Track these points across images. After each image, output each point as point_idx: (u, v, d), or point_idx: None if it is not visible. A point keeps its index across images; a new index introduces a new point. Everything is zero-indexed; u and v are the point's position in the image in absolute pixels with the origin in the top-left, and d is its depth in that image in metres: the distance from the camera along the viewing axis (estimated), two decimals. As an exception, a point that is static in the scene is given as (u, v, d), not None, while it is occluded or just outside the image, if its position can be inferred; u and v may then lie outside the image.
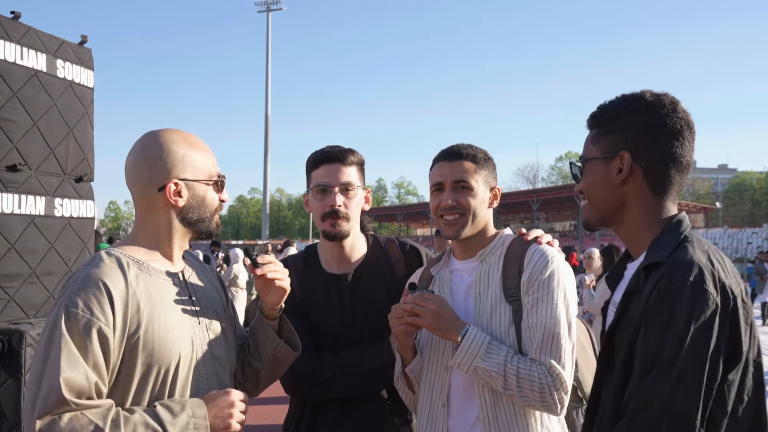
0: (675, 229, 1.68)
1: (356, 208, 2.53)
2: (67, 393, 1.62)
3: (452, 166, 2.25)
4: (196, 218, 1.97)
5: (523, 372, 2.03)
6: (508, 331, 2.14)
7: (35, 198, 3.28)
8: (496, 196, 2.32)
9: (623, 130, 1.73)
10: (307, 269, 2.65)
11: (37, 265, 3.27)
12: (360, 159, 2.56)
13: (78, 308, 1.70)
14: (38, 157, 3.31)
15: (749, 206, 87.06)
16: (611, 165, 1.75)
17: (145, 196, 1.93)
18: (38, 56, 3.34)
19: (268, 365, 2.16)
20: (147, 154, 1.93)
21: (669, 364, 1.45)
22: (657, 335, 1.48)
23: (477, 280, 2.25)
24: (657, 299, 1.50)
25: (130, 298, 1.78)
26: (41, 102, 3.33)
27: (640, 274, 1.63)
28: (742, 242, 54.54)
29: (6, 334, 2.96)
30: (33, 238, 3.26)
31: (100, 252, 1.88)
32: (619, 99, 1.78)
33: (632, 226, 1.77)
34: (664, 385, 1.44)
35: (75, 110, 3.56)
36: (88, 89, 3.69)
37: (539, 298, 2.12)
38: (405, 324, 2.12)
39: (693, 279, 1.48)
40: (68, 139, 3.49)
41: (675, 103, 1.73)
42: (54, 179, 3.41)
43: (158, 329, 1.81)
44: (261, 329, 2.15)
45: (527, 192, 68.50)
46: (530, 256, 2.19)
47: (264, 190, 75.92)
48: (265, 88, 71.94)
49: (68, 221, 3.48)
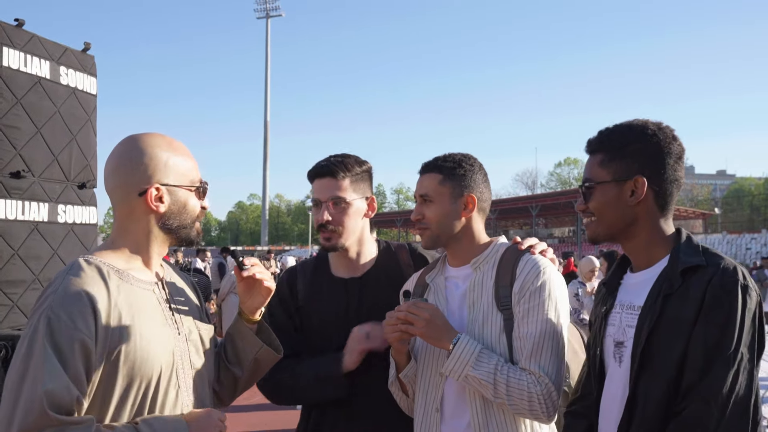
0: (689, 240, 1.91)
1: (351, 220, 2.53)
2: (49, 407, 1.54)
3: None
4: (177, 225, 1.91)
5: (513, 381, 2.06)
6: (499, 339, 2.17)
7: (38, 204, 3.29)
8: (470, 203, 2.32)
9: (635, 156, 1.92)
10: (315, 274, 2.68)
11: (41, 272, 3.28)
12: (357, 170, 2.56)
13: (60, 320, 1.62)
14: (41, 164, 3.33)
15: (748, 212, 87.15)
16: (624, 187, 1.93)
17: (125, 201, 1.85)
18: (42, 63, 3.36)
19: (248, 370, 2.13)
20: (128, 158, 1.85)
21: (732, 354, 1.67)
22: (718, 329, 1.69)
23: (471, 287, 2.27)
24: (714, 298, 1.71)
25: (112, 309, 1.71)
26: (45, 109, 3.35)
27: (674, 277, 1.81)
28: (741, 248, 54.54)
29: (9, 340, 2.98)
30: (36, 245, 3.28)
31: (79, 260, 1.79)
32: (625, 127, 1.97)
33: (642, 241, 1.95)
34: (729, 373, 1.66)
35: (78, 117, 3.57)
36: (91, 96, 3.71)
37: (530, 308, 2.14)
38: (399, 332, 2.14)
39: (741, 280, 1.72)
40: (71, 146, 3.51)
41: (673, 131, 1.96)
42: (57, 186, 3.43)
43: (139, 341, 1.74)
44: (240, 333, 2.11)
45: (526, 198, 68.39)
46: (522, 266, 2.21)
47: (263, 196, 75.98)
48: (264, 94, 72.11)
49: (71, 227, 3.50)
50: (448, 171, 2.31)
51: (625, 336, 1.91)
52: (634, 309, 1.90)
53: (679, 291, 1.78)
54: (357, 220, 2.57)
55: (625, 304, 1.96)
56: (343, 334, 2.52)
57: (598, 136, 2.02)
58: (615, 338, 1.96)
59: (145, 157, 1.85)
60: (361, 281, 2.61)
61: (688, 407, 1.70)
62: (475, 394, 2.15)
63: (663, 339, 1.78)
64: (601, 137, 2.01)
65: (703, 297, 1.73)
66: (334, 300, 2.59)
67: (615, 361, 1.96)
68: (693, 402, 1.69)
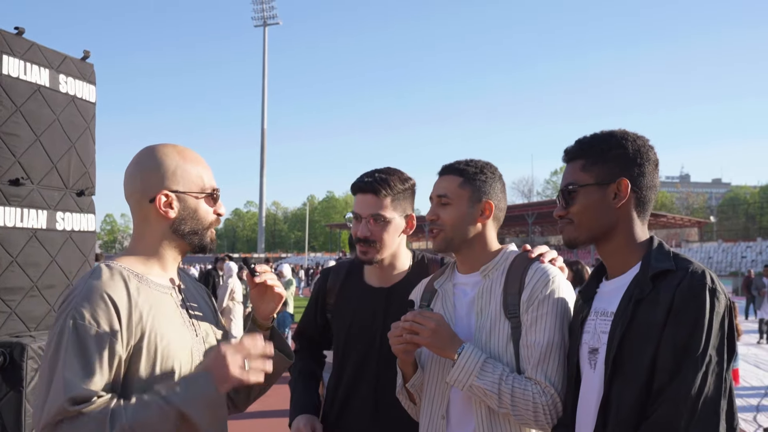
0: (661, 246, 1.95)
1: (389, 237, 2.57)
2: (70, 403, 1.64)
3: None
4: (189, 230, 1.98)
5: (518, 391, 2.06)
6: (506, 347, 2.17)
7: (37, 212, 3.30)
8: (487, 209, 2.34)
9: (617, 161, 1.98)
10: (348, 279, 2.75)
11: (39, 279, 3.29)
12: (399, 187, 2.57)
13: (85, 320, 1.72)
14: (40, 171, 3.34)
15: (743, 220, 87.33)
16: (607, 190, 1.98)
17: (140, 207, 1.96)
18: (41, 71, 3.37)
19: None
20: (141, 166, 1.96)
21: (700, 356, 1.70)
22: (686, 332, 1.73)
23: (479, 295, 2.28)
24: (682, 302, 1.76)
25: (133, 309, 1.80)
26: (44, 116, 3.36)
27: (645, 283, 1.85)
28: (736, 256, 54.68)
29: (7, 347, 2.98)
30: (35, 252, 3.28)
31: (100, 264, 1.90)
32: (606, 134, 2.03)
33: (619, 245, 2.00)
34: (697, 374, 1.69)
35: (77, 125, 3.59)
36: (90, 104, 3.73)
37: (538, 317, 2.15)
38: (404, 342, 2.14)
39: (709, 284, 1.77)
40: (70, 154, 3.52)
41: (648, 140, 2.03)
42: (56, 193, 3.44)
43: (160, 340, 1.83)
44: None
45: (522, 206, 68.45)
46: (531, 274, 2.22)
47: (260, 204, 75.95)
48: (261, 101, 72.17)
49: (69, 235, 3.51)
50: (469, 175, 2.32)
51: (599, 342, 1.95)
52: (608, 315, 1.94)
53: (649, 296, 1.83)
54: (395, 237, 2.60)
55: (599, 311, 2.00)
56: (367, 342, 2.56)
57: (578, 144, 2.07)
58: (590, 345, 2.00)
59: (156, 164, 1.95)
60: (390, 291, 2.64)
61: (658, 409, 1.73)
62: (480, 403, 2.15)
63: (635, 344, 1.82)
64: (582, 144, 2.06)
65: (672, 301, 1.77)
66: (362, 307, 2.64)
67: (590, 367, 1.99)
68: (663, 404, 1.73)
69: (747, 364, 13.30)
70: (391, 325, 2.19)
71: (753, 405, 9.60)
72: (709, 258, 55.40)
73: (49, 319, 3.30)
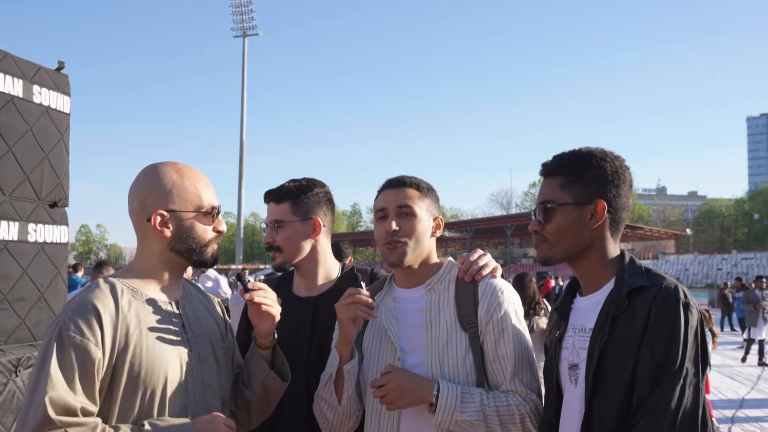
0: (633, 262, 1.99)
1: (291, 241, 2.65)
2: (53, 412, 1.67)
3: (396, 193, 2.31)
4: (185, 248, 2.02)
5: (502, 408, 2.08)
6: (465, 357, 2.18)
7: (8, 223, 3.25)
8: (438, 226, 2.36)
9: (596, 181, 2.00)
10: (277, 290, 2.70)
11: (9, 291, 3.23)
12: (302, 196, 2.68)
13: (70, 330, 1.78)
14: (12, 183, 3.29)
15: (719, 233, 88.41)
16: (584, 210, 2.00)
17: (139, 226, 2.02)
18: (15, 82, 3.33)
19: (257, 394, 2.18)
20: (139, 185, 2.01)
21: (677, 369, 1.75)
22: (663, 346, 1.78)
23: (427, 308, 2.27)
24: (658, 317, 1.80)
25: (120, 321, 1.85)
26: (16, 127, 3.31)
27: (620, 299, 1.89)
28: (712, 268, 55.26)
29: (-24, 360, 2.92)
30: (5, 264, 3.23)
31: (99, 279, 1.96)
32: (585, 153, 2.05)
33: (593, 262, 2.03)
34: (675, 387, 1.74)
35: (51, 136, 3.54)
36: (65, 115, 3.68)
37: (503, 330, 2.19)
38: (351, 311, 2.14)
39: (683, 298, 1.82)
40: (43, 165, 3.47)
41: (624, 160, 2.06)
42: (28, 204, 3.39)
43: (146, 353, 1.86)
44: (253, 358, 2.19)
45: (501, 218, 68.77)
46: (483, 287, 2.25)
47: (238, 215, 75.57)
48: (240, 112, 71.94)
49: (41, 247, 3.45)
50: (425, 190, 2.35)
51: (579, 358, 1.98)
52: (586, 331, 1.98)
53: (626, 312, 1.88)
54: (297, 243, 2.66)
55: (577, 327, 2.04)
56: (296, 353, 2.53)
57: (558, 160, 2.08)
58: (569, 361, 2.03)
59: (153, 184, 2.00)
60: (317, 300, 2.65)
61: (639, 422, 1.78)
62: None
63: (614, 359, 1.86)
64: (561, 161, 2.07)
65: (648, 316, 1.82)
66: (288, 317, 2.60)
67: (571, 383, 2.01)
68: (643, 417, 1.77)
69: (722, 376, 13.43)
70: (344, 295, 2.19)
71: (728, 417, 9.68)
72: (686, 270, 55.90)
73: (20, 333, 3.24)
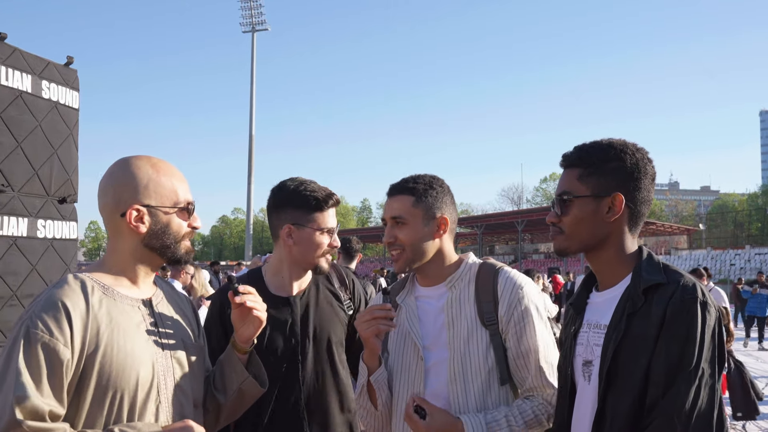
0: (651, 257, 1.95)
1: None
2: (20, 414, 1.60)
3: (391, 203, 2.34)
4: (160, 245, 1.95)
5: (530, 421, 2.14)
6: (486, 354, 2.21)
7: (18, 219, 3.25)
8: (442, 224, 2.33)
9: (614, 174, 1.95)
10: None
11: (18, 287, 3.23)
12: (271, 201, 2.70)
13: (38, 328, 1.69)
14: (22, 178, 3.28)
15: (732, 228, 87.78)
16: (602, 203, 1.96)
17: (112, 221, 1.93)
18: (23, 77, 3.33)
19: (231, 399, 2.13)
20: (113, 179, 1.93)
21: (693, 370, 1.71)
22: (679, 346, 1.73)
23: (448, 305, 2.29)
24: (674, 315, 1.76)
25: (90, 320, 1.77)
26: (25, 123, 3.31)
27: (637, 296, 1.85)
28: (725, 264, 54.91)
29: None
30: (15, 260, 3.22)
31: (67, 275, 1.88)
32: (605, 145, 2.00)
33: (610, 256, 1.99)
34: (690, 388, 1.70)
35: (59, 131, 3.54)
36: (73, 110, 3.68)
37: (525, 326, 2.22)
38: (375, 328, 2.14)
39: (700, 297, 1.77)
40: (52, 160, 3.47)
41: (648, 153, 2.01)
42: (37, 200, 3.38)
43: (117, 353, 1.79)
44: (229, 362, 2.12)
45: (512, 213, 68.50)
46: (503, 285, 2.27)
47: (247, 211, 75.66)
48: (249, 107, 71.97)
49: (51, 243, 3.45)
50: (420, 193, 2.32)
51: (593, 354, 1.96)
52: (601, 328, 1.95)
53: (642, 309, 1.84)
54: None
55: (592, 323, 2.01)
56: (283, 350, 2.57)
57: (577, 151, 2.04)
58: (584, 357, 2.01)
59: (128, 178, 1.91)
60: (294, 299, 2.67)
61: (653, 423, 1.74)
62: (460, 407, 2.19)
63: (628, 357, 1.83)
64: (580, 152, 2.03)
65: (664, 314, 1.78)
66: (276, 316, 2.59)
67: (584, 379, 2.00)
68: (657, 418, 1.73)
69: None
70: (365, 311, 2.21)
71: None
72: (699, 265, 55.60)
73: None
